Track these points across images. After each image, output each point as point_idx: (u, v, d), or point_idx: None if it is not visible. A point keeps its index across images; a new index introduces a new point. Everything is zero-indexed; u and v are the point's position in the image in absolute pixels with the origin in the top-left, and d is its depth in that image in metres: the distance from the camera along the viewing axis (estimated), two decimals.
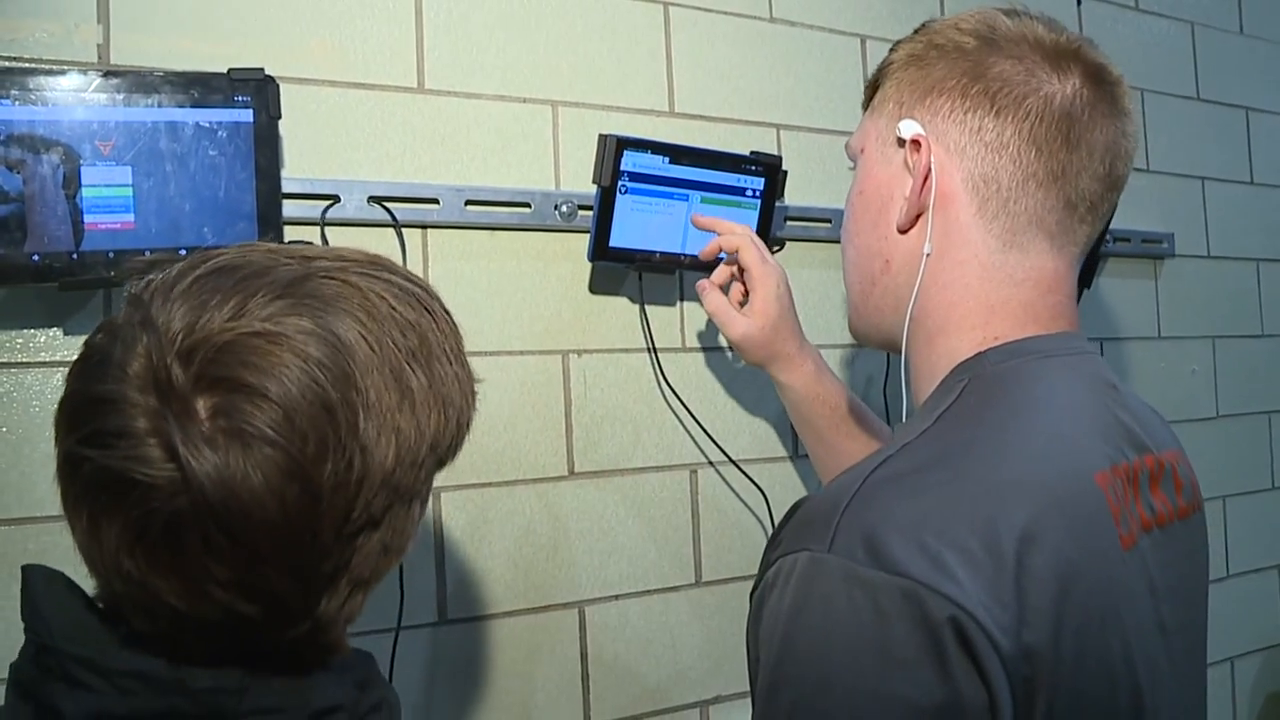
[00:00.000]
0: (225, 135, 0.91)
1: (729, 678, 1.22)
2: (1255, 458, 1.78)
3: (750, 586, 0.64)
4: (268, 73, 0.93)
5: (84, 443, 0.51)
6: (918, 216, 0.72)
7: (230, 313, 0.52)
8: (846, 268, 0.81)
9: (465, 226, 1.09)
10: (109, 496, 0.51)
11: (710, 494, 1.23)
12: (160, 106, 0.88)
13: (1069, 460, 0.64)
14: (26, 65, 0.90)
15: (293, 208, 0.98)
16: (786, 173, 1.21)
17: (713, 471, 1.24)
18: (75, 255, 0.86)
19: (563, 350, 1.15)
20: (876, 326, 0.79)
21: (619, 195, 1.10)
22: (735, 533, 1.25)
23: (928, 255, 0.72)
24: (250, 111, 0.92)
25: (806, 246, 1.30)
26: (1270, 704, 1.75)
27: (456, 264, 1.09)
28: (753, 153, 1.19)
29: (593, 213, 1.10)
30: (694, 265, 1.14)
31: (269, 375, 0.51)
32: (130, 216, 0.88)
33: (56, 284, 0.86)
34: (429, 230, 1.08)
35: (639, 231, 1.12)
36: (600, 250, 1.10)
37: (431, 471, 0.60)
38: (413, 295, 0.60)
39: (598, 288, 1.17)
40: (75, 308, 0.92)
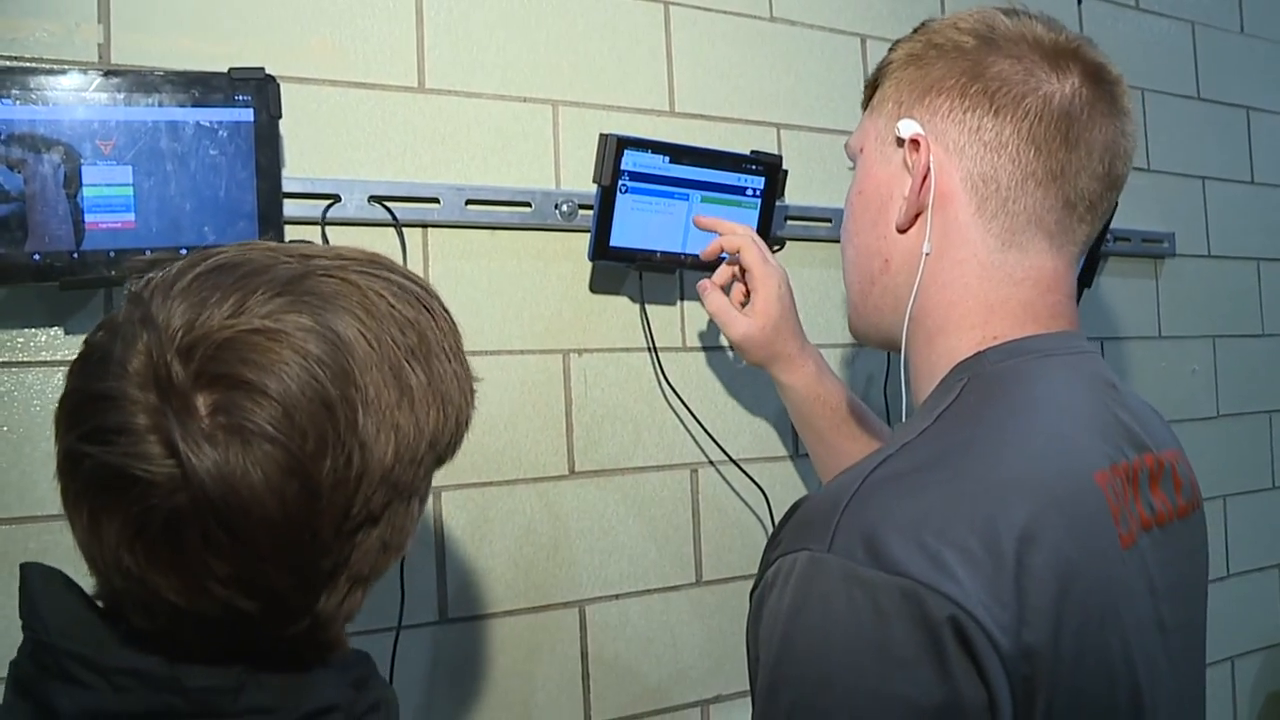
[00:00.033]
0: (226, 134, 0.91)
1: (729, 677, 1.23)
2: (1256, 457, 1.78)
3: (750, 586, 0.64)
4: (268, 72, 0.93)
5: (84, 439, 0.51)
6: (917, 216, 0.72)
7: (230, 310, 0.52)
8: (846, 267, 0.81)
9: (466, 226, 1.09)
10: (109, 493, 0.51)
11: (711, 493, 1.23)
12: (161, 106, 0.88)
13: (1068, 459, 0.64)
14: (27, 65, 0.90)
15: (293, 207, 0.98)
16: (787, 172, 1.21)
17: (713, 471, 1.24)
18: (76, 254, 0.86)
19: (563, 349, 1.15)
20: (876, 326, 0.79)
21: (619, 194, 1.10)
22: (736, 532, 1.25)
23: (927, 254, 0.72)
24: (251, 111, 0.92)
25: (807, 246, 1.30)
26: (1271, 703, 1.75)
27: (457, 263, 1.09)
28: (753, 152, 1.19)
29: (593, 212, 1.10)
30: (695, 265, 1.14)
31: (268, 372, 0.51)
32: (131, 216, 0.88)
33: (57, 283, 0.86)
34: (429, 229, 1.08)
35: (639, 231, 1.12)
36: (601, 249, 1.10)
37: (431, 469, 0.60)
38: (411, 293, 0.60)
39: (598, 287, 1.17)
40: (76, 307, 0.92)
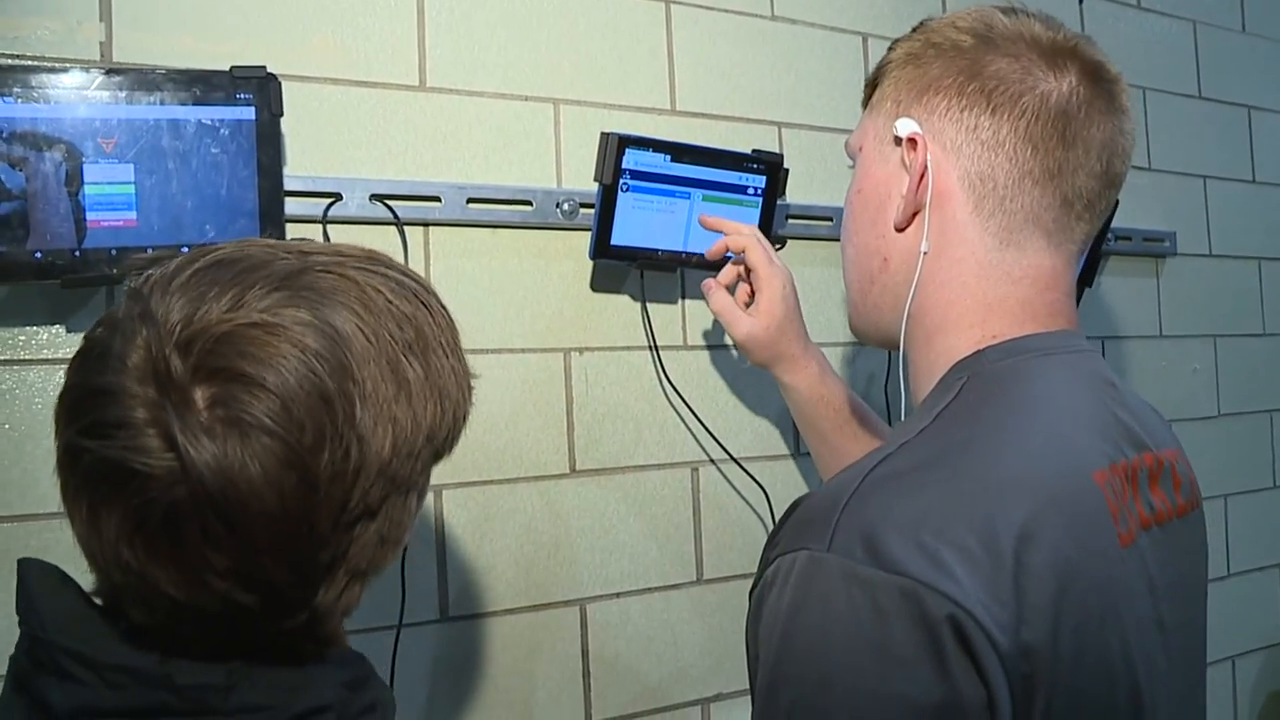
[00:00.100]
0: (227, 133, 0.91)
1: (730, 675, 1.23)
2: (1256, 456, 1.78)
3: (751, 585, 0.64)
4: (270, 70, 0.93)
5: (83, 434, 0.51)
6: (915, 214, 0.72)
7: (228, 304, 0.52)
8: (846, 266, 0.81)
9: (467, 224, 1.09)
10: (108, 487, 0.51)
11: (712, 492, 1.23)
12: (162, 104, 0.88)
13: (1067, 458, 0.64)
14: (29, 63, 0.90)
15: (295, 205, 0.98)
16: (788, 170, 1.21)
17: (714, 469, 1.24)
18: (77, 252, 0.86)
19: (564, 348, 1.15)
20: (875, 325, 0.79)
21: (621, 193, 1.10)
22: (737, 530, 1.25)
23: (925, 253, 0.72)
24: (252, 109, 0.92)
25: (808, 244, 1.30)
26: (1271, 703, 1.74)
27: (458, 262, 1.09)
28: (754, 151, 1.19)
29: (594, 210, 1.10)
30: (700, 264, 1.14)
31: (267, 365, 0.51)
32: (132, 214, 0.88)
33: (59, 281, 0.86)
34: (431, 228, 1.08)
35: (641, 229, 1.12)
36: (602, 248, 1.11)
37: (428, 463, 0.60)
38: (409, 289, 0.60)
39: (599, 286, 1.17)
40: (77, 305, 0.92)
